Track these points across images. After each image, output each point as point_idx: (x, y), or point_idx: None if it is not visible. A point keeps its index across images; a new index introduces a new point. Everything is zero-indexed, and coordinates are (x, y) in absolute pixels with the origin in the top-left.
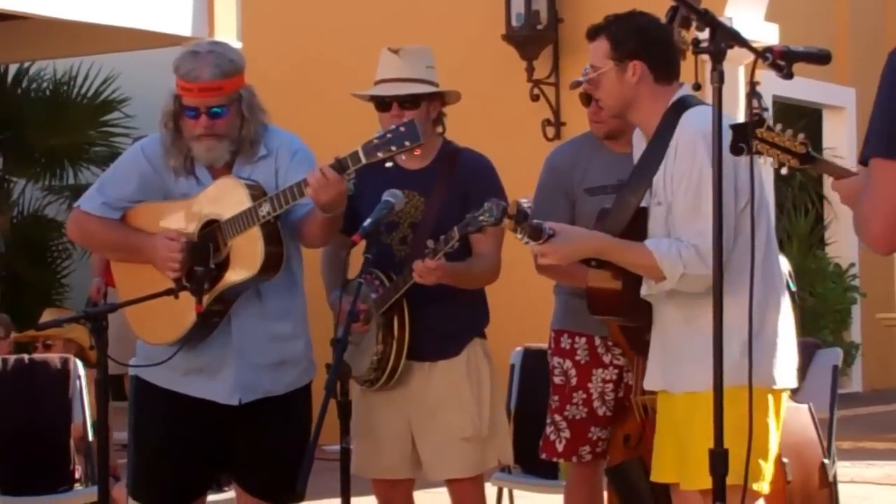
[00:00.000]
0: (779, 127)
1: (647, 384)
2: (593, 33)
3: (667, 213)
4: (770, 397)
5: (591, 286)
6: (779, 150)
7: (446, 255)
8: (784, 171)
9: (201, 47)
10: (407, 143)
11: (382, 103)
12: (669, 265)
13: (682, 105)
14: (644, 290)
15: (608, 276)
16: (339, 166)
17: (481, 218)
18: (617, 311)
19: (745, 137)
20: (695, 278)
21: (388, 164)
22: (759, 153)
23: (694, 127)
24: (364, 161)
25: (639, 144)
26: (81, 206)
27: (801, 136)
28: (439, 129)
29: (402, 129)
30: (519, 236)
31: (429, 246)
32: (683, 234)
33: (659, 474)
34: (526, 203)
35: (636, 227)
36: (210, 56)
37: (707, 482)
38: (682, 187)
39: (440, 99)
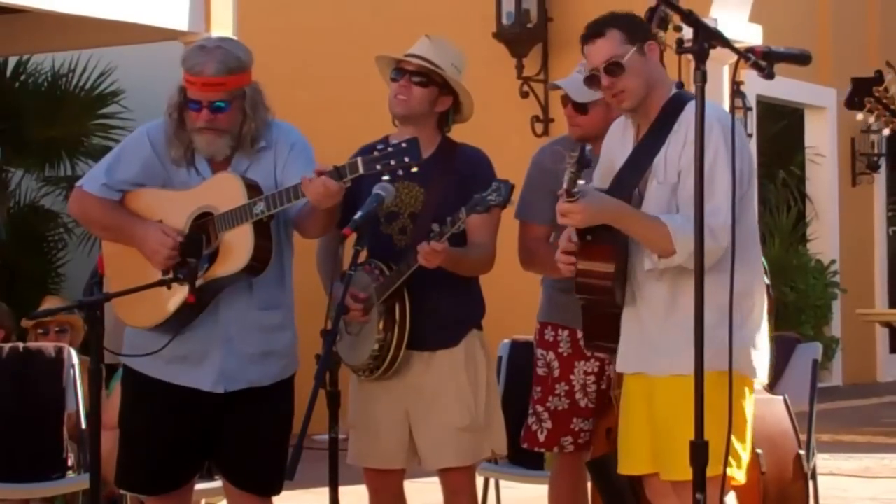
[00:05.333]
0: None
1: (621, 366)
2: (596, 33)
3: (670, 192)
4: (746, 388)
5: (580, 268)
6: (887, 112)
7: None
8: (886, 131)
9: (210, 42)
10: (406, 160)
11: (397, 75)
12: (683, 239)
13: (682, 97)
14: (648, 265)
15: (602, 256)
16: (337, 174)
17: (490, 198)
18: (603, 292)
19: (863, 92)
20: (706, 252)
21: (386, 177)
22: (871, 111)
23: (709, 113)
24: (362, 172)
25: (621, 133)
26: (84, 185)
27: None
28: (444, 129)
29: (403, 144)
30: (569, 174)
31: (434, 229)
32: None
33: (633, 466)
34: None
35: None
36: (217, 52)
37: (690, 473)
38: (696, 169)
39: (452, 97)
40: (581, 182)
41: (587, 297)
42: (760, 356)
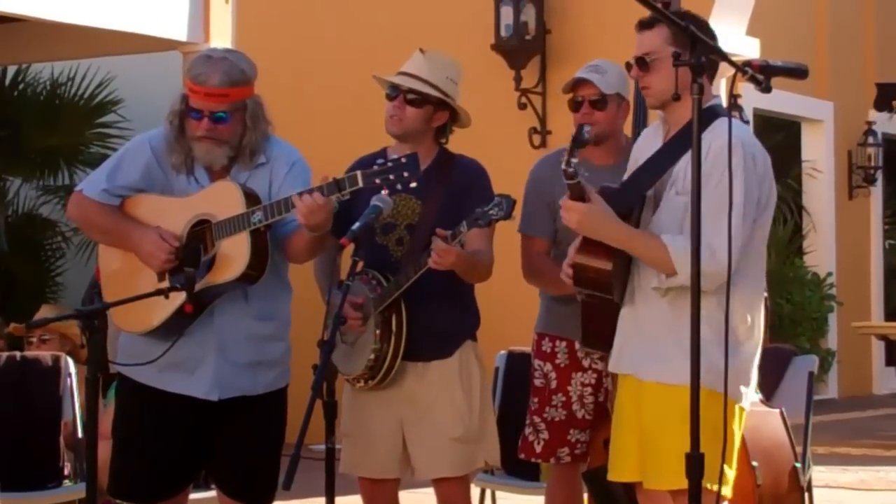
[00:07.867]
0: None
1: (613, 366)
2: (647, 24)
3: (685, 203)
4: (737, 408)
5: (577, 262)
6: None
7: None
8: None
9: (216, 53)
10: (405, 175)
11: (392, 91)
12: (684, 261)
13: (715, 110)
14: (654, 283)
15: (599, 254)
16: (336, 186)
17: (491, 212)
18: (599, 287)
19: (890, 96)
20: (705, 275)
21: (385, 192)
22: None
23: (735, 134)
24: (361, 185)
25: (652, 136)
26: (84, 190)
27: None
28: (442, 140)
29: (403, 160)
30: (563, 161)
31: (436, 238)
32: (703, 229)
33: (621, 472)
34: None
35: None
36: (222, 63)
37: (675, 483)
38: (710, 186)
39: (448, 111)
40: (574, 161)
41: (584, 290)
42: (749, 384)
